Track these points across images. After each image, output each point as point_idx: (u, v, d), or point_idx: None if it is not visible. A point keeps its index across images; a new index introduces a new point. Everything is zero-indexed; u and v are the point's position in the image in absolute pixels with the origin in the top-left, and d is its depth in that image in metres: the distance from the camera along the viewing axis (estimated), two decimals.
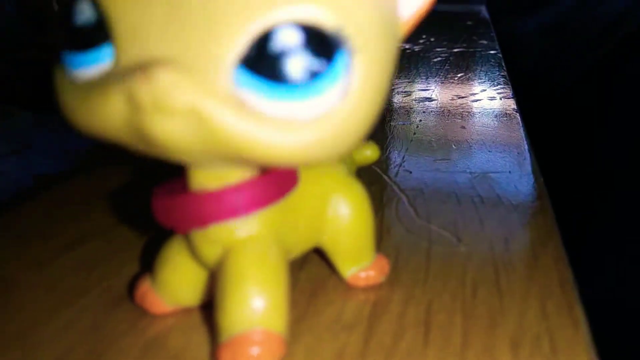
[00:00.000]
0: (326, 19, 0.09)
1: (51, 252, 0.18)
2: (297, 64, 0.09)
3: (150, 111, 0.09)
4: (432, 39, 0.63)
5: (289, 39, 0.09)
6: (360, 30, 0.10)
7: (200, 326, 0.14)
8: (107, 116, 0.10)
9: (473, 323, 0.14)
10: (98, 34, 0.10)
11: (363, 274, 0.16)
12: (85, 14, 0.10)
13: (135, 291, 0.14)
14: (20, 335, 0.14)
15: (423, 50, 0.55)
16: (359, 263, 0.16)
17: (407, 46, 0.58)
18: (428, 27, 0.74)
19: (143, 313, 0.14)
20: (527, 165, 0.25)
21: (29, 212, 0.21)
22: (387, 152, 0.27)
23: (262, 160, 0.10)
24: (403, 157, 0.26)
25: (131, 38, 0.09)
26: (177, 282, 0.14)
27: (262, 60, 0.09)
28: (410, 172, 0.24)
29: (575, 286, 0.16)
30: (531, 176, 0.24)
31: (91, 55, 0.10)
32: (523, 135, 0.29)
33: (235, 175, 0.12)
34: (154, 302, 0.14)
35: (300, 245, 0.14)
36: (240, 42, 0.09)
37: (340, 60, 0.09)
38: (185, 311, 0.14)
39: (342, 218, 0.15)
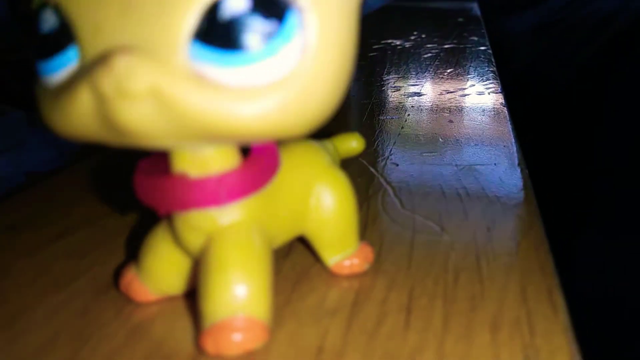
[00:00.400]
0: None
1: (41, 241, 0.18)
2: (248, 28, 0.09)
3: (114, 98, 0.09)
4: (423, 35, 0.63)
5: (236, 6, 0.09)
6: None
7: (183, 314, 0.14)
8: (78, 113, 0.10)
9: (454, 307, 0.14)
10: (62, 37, 0.10)
11: (347, 262, 0.16)
12: (49, 21, 0.10)
13: (121, 280, 0.15)
14: (10, 320, 0.14)
15: (414, 47, 0.56)
16: (342, 251, 0.16)
17: (398, 42, 0.58)
18: (419, 23, 0.75)
19: (129, 300, 0.14)
20: (513, 158, 0.25)
21: (19, 203, 0.21)
22: (375, 145, 0.27)
23: (228, 133, 0.10)
24: (390, 150, 0.26)
25: (92, 35, 0.10)
26: (161, 271, 0.14)
27: (214, 31, 0.09)
28: (397, 165, 0.24)
29: (555, 272, 0.16)
30: (516, 168, 0.24)
31: (59, 59, 0.10)
32: (510, 128, 0.29)
33: (217, 162, 0.12)
34: (139, 290, 0.14)
35: (284, 233, 0.15)
36: (191, 17, 0.09)
37: (291, 19, 0.10)
38: (170, 299, 0.15)
39: (324, 207, 0.15)
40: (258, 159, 0.13)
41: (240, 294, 0.12)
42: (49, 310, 0.14)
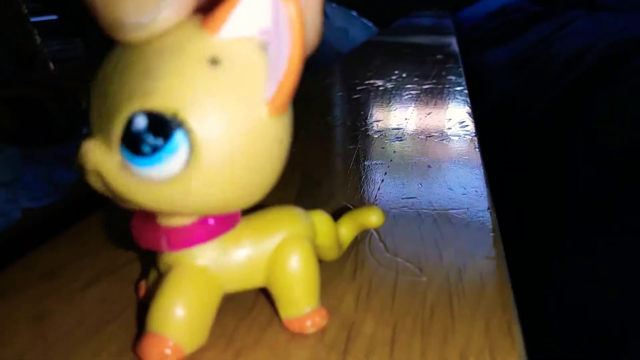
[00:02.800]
0: (165, 106, 0.13)
1: (76, 287, 0.21)
2: (143, 141, 0.13)
3: (81, 169, 0.14)
4: (404, 75, 0.67)
5: (139, 124, 0.13)
6: (198, 115, 0.13)
7: (209, 344, 0.17)
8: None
9: (429, 340, 0.17)
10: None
11: (296, 323, 0.18)
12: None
13: (139, 289, 0.20)
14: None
15: (395, 87, 0.60)
16: (294, 312, 0.18)
17: (380, 83, 0.62)
18: (400, 60, 0.79)
19: None
20: (484, 203, 0.28)
21: (54, 250, 0.23)
22: (361, 191, 0.30)
23: (142, 206, 0.14)
24: (375, 196, 0.29)
25: (91, 121, 0.14)
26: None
27: (127, 139, 0.13)
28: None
29: (515, 308, 0.19)
30: (486, 212, 0.27)
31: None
32: (482, 173, 0.33)
33: (182, 217, 0.16)
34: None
35: (237, 282, 0.18)
36: (118, 126, 0.13)
37: (177, 138, 0.13)
38: None
39: (280, 270, 0.17)
40: (217, 216, 0.16)
41: (168, 317, 0.16)
42: (92, 350, 0.17)
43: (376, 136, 0.41)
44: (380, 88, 0.59)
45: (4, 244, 0.62)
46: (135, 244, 0.17)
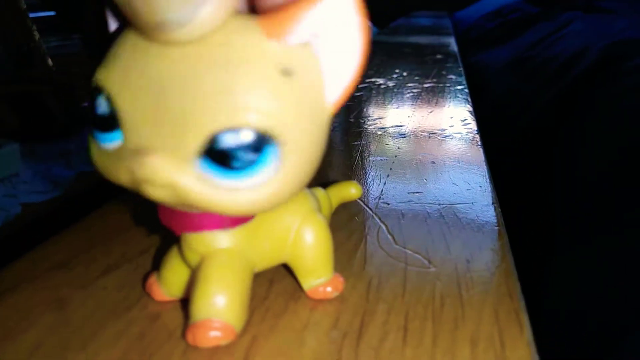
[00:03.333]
0: (256, 125, 0.13)
1: (92, 276, 0.21)
2: (236, 157, 0.13)
3: (143, 182, 0.14)
4: (404, 74, 0.68)
5: (229, 140, 0.13)
6: (287, 128, 0.13)
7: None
8: (119, 177, 0.14)
9: (440, 327, 0.18)
10: (112, 121, 0.14)
11: (320, 289, 0.19)
12: (102, 106, 0.14)
13: (146, 282, 0.19)
14: (82, 344, 0.17)
15: (396, 86, 0.60)
16: (316, 280, 0.19)
17: (381, 81, 0.62)
18: (401, 60, 0.79)
19: (179, 324, 0.18)
20: (488, 198, 0.29)
21: (63, 242, 0.24)
22: (368, 185, 0.31)
23: (215, 211, 0.14)
24: (382, 191, 0.30)
25: (133, 129, 0.14)
26: (172, 279, 0.19)
27: (213, 154, 0.13)
28: (388, 204, 0.28)
29: (521, 297, 0.20)
30: (491, 207, 0.28)
31: (109, 136, 0.15)
32: (486, 169, 0.33)
33: None
34: (157, 292, 0.19)
35: (266, 260, 0.19)
36: (198, 142, 0.13)
37: (269, 152, 0.13)
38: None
39: (301, 243, 0.19)
40: None
41: (215, 302, 0.16)
42: (113, 334, 0.18)
43: (380, 133, 0.42)
44: (382, 86, 0.60)
45: (3, 238, 0.62)
46: (150, 232, 0.17)
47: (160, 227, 0.17)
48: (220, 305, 0.16)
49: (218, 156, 0.13)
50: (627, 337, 0.39)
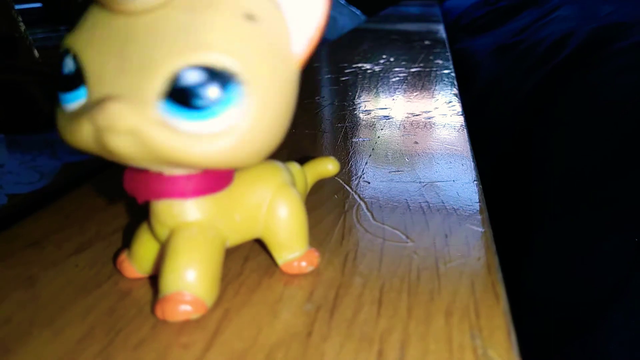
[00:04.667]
0: (218, 62, 0.13)
1: (63, 254, 0.21)
2: (199, 95, 0.13)
3: (105, 131, 0.13)
4: (391, 59, 0.67)
5: (191, 78, 0.13)
6: (249, 67, 0.13)
7: None
8: (82, 136, 0.14)
9: (416, 299, 0.18)
10: (77, 79, 0.14)
11: (295, 264, 0.19)
12: (68, 65, 0.14)
13: (116, 260, 0.19)
14: (49, 319, 0.17)
15: (383, 70, 0.60)
16: (290, 254, 0.19)
17: (368, 66, 0.62)
18: (388, 46, 0.79)
19: (150, 300, 0.18)
20: (470, 175, 0.29)
21: (38, 222, 0.23)
22: (349, 165, 0.30)
23: (186, 164, 0.14)
24: (363, 170, 0.30)
25: (96, 83, 0.14)
26: (143, 255, 0.18)
27: (176, 94, 0.13)
28: (369, 183, 0.28)
29: (499, 269, 0.20)
30: (472, 184, 0.28)
31: (73, 94, 0.14)
32: (469, 148, 0.33)
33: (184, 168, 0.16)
34: (128, 269, 0.19)
35: (239, 235, 0.18)
36: (159, 82, 0.13)
37: (232, 90, 0.13)
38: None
39: (274, 216, 0.19)
40: (215, 170, 0.17)
41: (185, 275, 0.16)
42: (81, 310, 0.17)
43: (363, 115, 0.42)
44: (368, 71, 0.60)
45: None
46: (125, 212, 0.17)
47: (135, 207, 0.17)
48: (190, 279, 0.16)
49: (180, 95, 0.13)
50: (605, 314, 0.40)
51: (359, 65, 0.63)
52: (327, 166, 0.25)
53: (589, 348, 0.40)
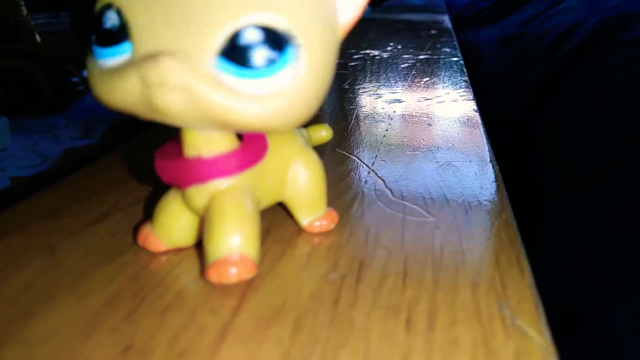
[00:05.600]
0: (278, 23, 0.13)
1: (82, 224, 0.20)
2: (257, 54, 0.13)
3: (156, 87, 0.13)
4: (399, 47, 0.67)
5: (251, 37, 0.13)
6: (304, 31, 0.14)
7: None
8: (126, 92, 0.14)
9: (441, 272, 0.18)
10: (121, 34, 0.14)
11: (317, 223, 0.20)
12: (111, 19, 0.14)
13: (138, 235, 0.18)
14: (72, 285, 0.17)
15: (391, 57, 0.59)
16: (312, 214, 0.20)
17: (376, 53, 0.62)
18: (395, 35, 0.79)
19: (176, 267, 0.17)
20: (485, 156, 0.29)
21: (53, 194, 0.23)
22: (364, 144, 0.30)
23: (236, 124, 0.14)
24: (378, 150, 0.29)
25: (144, 37, 0.14)
26: (172, 226, 0.18)
27: (233, 52, 0.13)
28: (386, 162, 0.28)
29: (522, 245, 0.20)
30: (488, 164, 0.27)
31: (115, 49, 0.14)
32: (482, 131, 0.33)
33: (221, 144, 0.16)
34: (154, 243, 0.18)
35: (269, 198, 0.19)
36: (218, 39, 0.13)
37: (289, 52, 0.13)
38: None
39: (298, 179, 0.19)
40: (252, 142, 0.17)
41: (235, 238, 0.15)
42: (104, 277, 0.17)
43: (374, 98, 0.41)
44: (377, 57, 0.59)
45: None
46: (142, 185, 0.16)
47: (152, 179, 0.17)
48: (240, 240, 0.16)
49: (237, 54, 0.13)
50: (607, 309, 0.40)
51: (367, 52, 0.63)
52: (321, 132, 0.25)
53: (590, 343, 0.40)
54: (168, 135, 0.17)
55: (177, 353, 0.14)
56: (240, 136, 0.17)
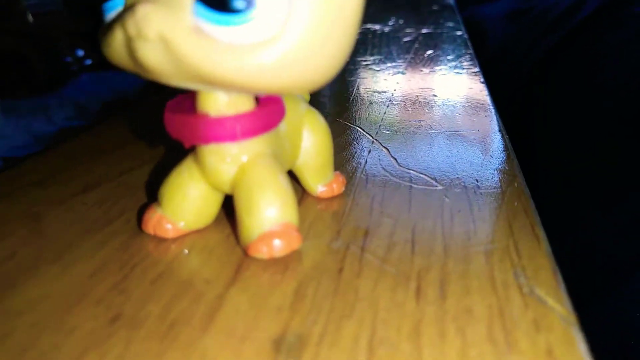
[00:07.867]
0: None
1: (69, 193, 0.19)
2: None
3: (134, 38, 0.12)
4: (401, 21, 0.65)
5: None
6: None
7: (215, 244, 0.16)
8: (114, 46, 0.13)
9: (452, 240, 0.16)
10: None
11: (327, 188, 0.19)
12: None
13: (147, 222, 0.16)
14: (57, 255, 0.15)
15: (393, 31, 0.58)
16: (324, 179, 0.19)
17: (377, 27, 0.60)
18: (396, 10, 0.77)
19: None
20: (494, 125, 0.27)
21: (39, 163, 0.22)
22: (367, 114, 0.29)
23: (218, 80, 0.12)
24: (382, 119, 0.28)
25: None
26: (190, 207, 0.16)
27: None
28: (389, 131, 0.26)
29: (536, 213, 0.18)
30: (498, 133, 0.26)
31: (112, 3, 0.13)
32: (490, 101, 0.32)
33: (233, 106, 0.14)
34: (169, 229, 0.16)
35: (287, 163, 0.18)
36: None
37: None
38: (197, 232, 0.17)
39: (310, 143, 0.18)
40: (267, 105, 0.15)
41: (279, 208, 0.14)
42: (92, 246, 0.16)
43: (377, 69, 0.40)
44: (378, 32, 0.58)
45: None
46: (132, 155, 0.15)
47: (142, 150, 0.16)
48: (285, 209, 0.15)
49: None
50: (622, 283, 0.39)
51: (368, 26, 0.61)
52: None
53: (605, 315, 0.39)
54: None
55: (169, 323, 0.13)
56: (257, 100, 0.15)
